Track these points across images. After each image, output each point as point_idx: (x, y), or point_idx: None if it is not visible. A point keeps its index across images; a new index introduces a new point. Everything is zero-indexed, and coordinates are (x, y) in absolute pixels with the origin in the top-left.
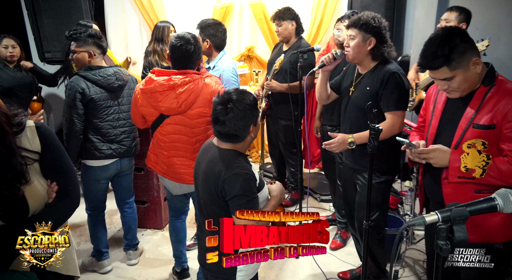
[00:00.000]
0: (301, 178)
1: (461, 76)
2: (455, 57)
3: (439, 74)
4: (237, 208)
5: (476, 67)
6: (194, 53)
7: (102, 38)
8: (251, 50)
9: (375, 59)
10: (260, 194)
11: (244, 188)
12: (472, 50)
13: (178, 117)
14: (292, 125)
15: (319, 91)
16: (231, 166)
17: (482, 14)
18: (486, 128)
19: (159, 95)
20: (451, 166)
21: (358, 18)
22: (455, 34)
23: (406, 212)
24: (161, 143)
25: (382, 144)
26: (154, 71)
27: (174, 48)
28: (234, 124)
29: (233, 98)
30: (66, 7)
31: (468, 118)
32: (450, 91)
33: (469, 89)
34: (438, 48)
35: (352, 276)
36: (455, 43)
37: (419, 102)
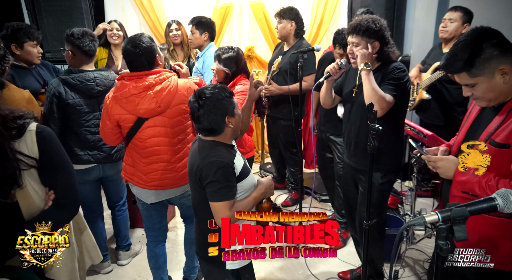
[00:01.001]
0: (301, 178)
1: (484, 85)
2: (477, 63)
3: (460, 79)
4: (211, 194)
5: (504, 77)
6: (147, 53)
7: (81, 39)
8: (251, 50)
9: (379, 60)
10: (242, 183)
11: (218, 175)
12: (502, 57)
13: (157, 119)
14: (292, 125)
15: (324, 98)
16: (209, 154)
17: (483, 14)
18: (499, 147)
19: (135, 98)
20: (454, 179)
21: (359, 24)
22: (485, 37)
23: (406, 212)
24: (140, 149)
25: (384, 144)
26: (122, 76)
27: (126, 52)
28: (208, 119)
29: (205, 93)
30: (66, 7)
31: (488, 132)
32: (475, 98)
33: (498, 100)
34: (461, 50)
35: (352, 276)
36: (480, 48)
37: (419, 102)
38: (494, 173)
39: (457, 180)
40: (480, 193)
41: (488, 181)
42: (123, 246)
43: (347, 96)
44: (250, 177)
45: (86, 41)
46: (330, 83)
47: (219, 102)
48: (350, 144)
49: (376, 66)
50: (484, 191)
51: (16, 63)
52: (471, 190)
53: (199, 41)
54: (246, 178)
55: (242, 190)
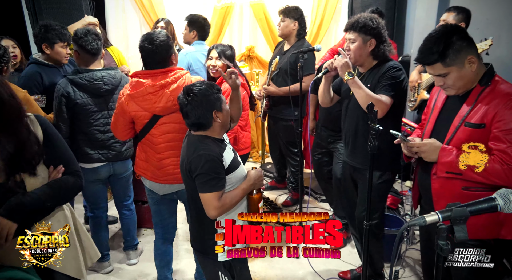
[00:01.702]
0: (301, 178)
1: (455, 73)
2: (450, 54)
3: (434, 70)
4: (200, 185)
5: (471, 66)
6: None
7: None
8: (251, 50)
9: (376, 59)
10: (230, 175)
11: (206, 168)
12: (469, 48)
13: (172, 116)
14: (292, 125)
15: (322, 96)
16: (197, 148)
17: (483, 14)
18: (476, 127)
19: (152, 97)
20: (439, 161)
21: (356, 21)
22: (453, 32)
23: (406, 212)
24: (154, 144)
25: (382, 143)
26: (137, 74)
27: (140, 48)
28: (195, 114)
29: (192, 90)
30: (66, 7)
31: (462, 117)
32: (446, 87)
33: (465, 88)
34: (434, 44)
35: (353, 276)
36: (451, 41)
37: (420, 102)
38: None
39: (442, 162)
40: (465, 171)
41: None
42: (132, 246)
43: (345, 94)
44: (240, 170)
45: (89, 40)
46: (328, 80)
47: (206, 98)
48: (348, 143)
49: (373, 65)
50: (469, 168)
51: (45, 62)
52: (457, 169)
53: (187, 38)
54: (235, 171)
55: (231, 183)
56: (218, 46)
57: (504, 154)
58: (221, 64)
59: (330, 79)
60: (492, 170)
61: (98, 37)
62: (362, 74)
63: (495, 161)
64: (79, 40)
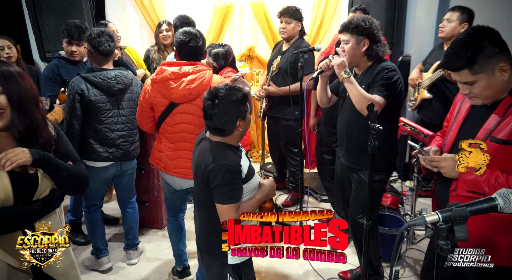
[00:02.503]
0: (301, 177)
1: (484, 82)
2: (479, 60)
3: (460, 77)
4: (218, 196)
5: (503, 75)
6: (203, 46)
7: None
8: (251, 50)
9: (370, 60)
10: (247, 184)
11: (226, 179)
12: (501, 55)
13: (187, 106)
14: (292, 125)
15: (320, 96)
16: (217, 157)
17: (483, 14)
18: (503, 144)
19: (170, 83)
20: (461, 178)
21: (349, 22)
22: (485, 35)
23: (406, 212)
24: (168, 134)
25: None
26: (164, 63)
27: (183, 44)
28: (220, 119)
29: (220, 93)
30: (67, 7)
31: (487, 130)
32: (472, 97)
33: (494, 98)
34: (462, 48)
35: (353, 276)
36: (481, 45)
37: (421, 102)
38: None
39: (463, 179)
40: (489, 191)
41: (497, 178)
42: (133, 245)
43: (341, 94)
44: (255, 178)
45: (102, 41)
46: (324, 80)
47: (234, 105)
48: (342, 143)
49: (367, 67)
50: (494, 189)
51: (65, 56)
52: (480, 189)
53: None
54: (251, 180)
55: (247, 191)
56: (209, 45)
57: None
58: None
59: (326, 79)
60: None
61: (111, 38)
62: (358, 75)
63: None
64: (92, 41)
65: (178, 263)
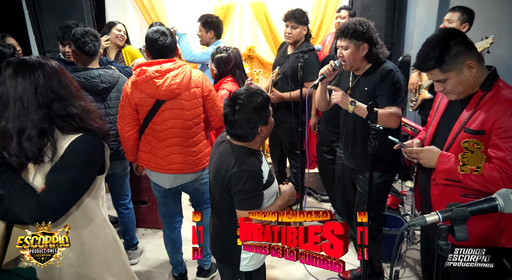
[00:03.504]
0: (302, 178)
1: (454, 79)
2: (447, 59)
3: (432, 76)
4: (239, 202)
5: (471, 71)
6: (171, 44)
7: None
8: (252, 50)
9: (370, 62)
10: (267, 190)
11: (248, 185)
12: (468, 53)
13: (174, 101)
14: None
15: (319, 100)
16: (239, 161)
17: (483, 14)
18: (475, 134)
19: (156, 81)
20: (438, 168)
21: (346, 27)
22: (451, 36)
23: (406, 212)
24: (157, 132)
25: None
26: (141, 65)
27: (152, 41)
28: (241, 126)
29: (240, 100)
30: (67, 7)
31: (462, 122)
32: (446, 93)
33: (466, 93)
34: (431, 49)
35: (353, 276)
36: (448, 45)
37: (422, 102)
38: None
39: (440, 169)
40: (463, 178)
41: None
42: (132, 245)
43: None
44: (275, 183)
45: (86, 41)
46: (324, 85)
47: (255, 111)
48: (347, 146)
49: (367, 68)
50: (467, 176)
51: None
52: (455, 177)
53: (206, 39)
54: (271, 184)
55: (267, 196)
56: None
57: (503, 162)
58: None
59: (326, 84)
60: (490, 178)
61: (96, 38)
62: (358, 77)
63: (493, 169)
64: (76, 41)
65: (175, 270)
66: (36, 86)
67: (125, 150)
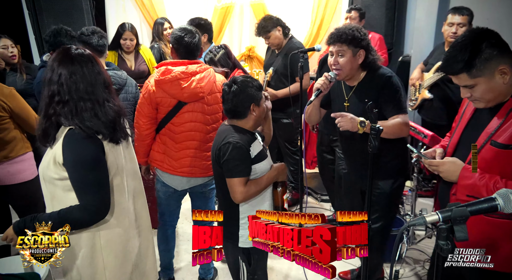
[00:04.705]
0: (302, 177)
1: (483, 85)
2: (477, 63)
3: (459, 81)
4: (226, 171)
5: (503, 77)
6: (199, 42)
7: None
8: (251, 50)
9: (364, 69)
10: (257, 165)
11: (233, 154)
12: (501, 57)
13: (196, 104)
14: (292, 123)
15: (311, 115)
16: (227, 136)
17: (483, 14)
18: (503, 148)
19: (181, 83)
20: (459, 183)
21: (344, 33)
22: (483, 38)
23: (406, 212)
24: (174, 134)
25: (391, 150)
26: (165, 63)
27: (180, 40)
28: (233, 100)
29: (237, 80)
30: (67, 7)
31: (488, 134)
32: (473, 100)
33: (496, 101)
34: (460, 52)
35: (353, 276)
36: (479, 48)
37: (422, 102)
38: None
39: (462, 184)
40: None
41: (496, 183)
42: None
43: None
44: (266, 162)
45: (95, 38)
46: (318, 100)
47: (247, 88)
48: (351, 161)
49: (363, 77)
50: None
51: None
52: (479, 194)
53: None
54: (261, 161)
55: (256, 172)
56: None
57: None
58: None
59: (320, 98)
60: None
61: (103, 35)
62: (353, 87)
63: None
64: (86, 38)
65: (164, 275)
66: (69, 75)
67: (138, 150)
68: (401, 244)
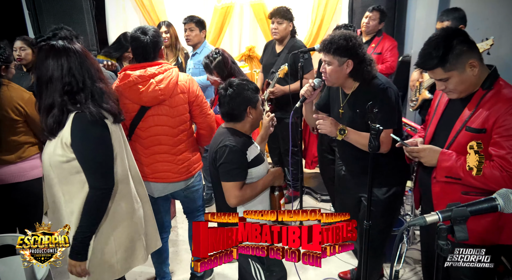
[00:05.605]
0: (301, 177)
1: (456, 78)
2: (450, 58)
3: (434, 75)
4: (223, 174)
5: (473, 70)
6: (148, 44)
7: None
8: (251, 50)
9: (357, 80)
10: (253, 169)
11: (230, 158)
12: (470, 52)
13: (160, 107)
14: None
15: (307, 118)
16: (224, 139)
17: (483, 14)
18: (477, 132)
19: (139, 87)
20: (439, 166)
21: (330, 42)
22: (453, 35)
23: (406, 212)
24: (142, 139)
25: (385, 159)
26: (125, 68)
27: (130, 41)
28: (229, 103)
29: (233, 82)
30: (67, 7)
31: (463, 121)
32: (448, 91)
33: (468, 91)
34: (434, 49)
35: (353, 276)
36: (451, 45)
37: (422, 102)
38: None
39: (441, 166)
40: (464, 176)
41: None
42: None
43: (334, 117)
44: (262, 166)
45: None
46: (309, 105)
47: (243, 91)
48: (348, 168)
49: (356, 88)
50: (468, 174)
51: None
52: (456, 174)
53: (199, 38)
54: (257, 165)
55: (252, 177)
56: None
57: (504, 160)
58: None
59: (311, 105)
60: (491, 176)
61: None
62: (348, 95)
63: (494, 167)
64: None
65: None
66: (61, 68)
67: None
68: (401, 244)
